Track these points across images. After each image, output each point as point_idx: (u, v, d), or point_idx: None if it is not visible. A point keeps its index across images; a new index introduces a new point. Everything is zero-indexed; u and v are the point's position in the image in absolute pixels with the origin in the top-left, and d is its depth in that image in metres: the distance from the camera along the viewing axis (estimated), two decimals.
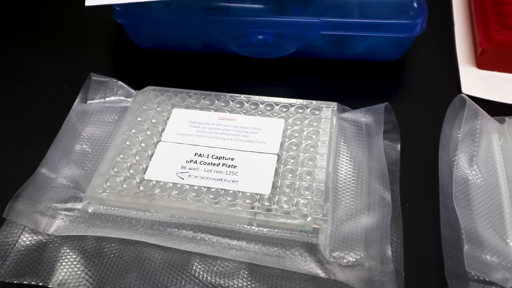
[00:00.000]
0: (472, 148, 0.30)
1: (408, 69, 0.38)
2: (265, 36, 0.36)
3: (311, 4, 0.38)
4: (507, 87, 0.36)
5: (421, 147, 0.32)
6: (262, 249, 0.27)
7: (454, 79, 0.37)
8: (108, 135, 0.32)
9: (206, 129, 0.31)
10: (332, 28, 0.35)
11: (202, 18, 0.36)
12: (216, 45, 0.38)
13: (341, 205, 0.28)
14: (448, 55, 0.39)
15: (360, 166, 0.30)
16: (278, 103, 0.32)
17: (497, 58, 0.36)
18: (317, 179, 0.28)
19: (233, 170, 0.28)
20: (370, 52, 0.37)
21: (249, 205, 0.27)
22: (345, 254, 0.25)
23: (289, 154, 0.29)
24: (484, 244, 0.25)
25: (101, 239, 0.28)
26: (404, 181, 0.30)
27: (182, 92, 0.34)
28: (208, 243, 0.27)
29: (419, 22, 0.34)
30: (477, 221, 0.26)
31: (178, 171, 0.29)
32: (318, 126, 0.31)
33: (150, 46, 0.40)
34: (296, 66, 0.39)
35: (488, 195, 0.28)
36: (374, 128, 0.31)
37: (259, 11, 0.38)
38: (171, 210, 0.28)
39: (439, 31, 0.41)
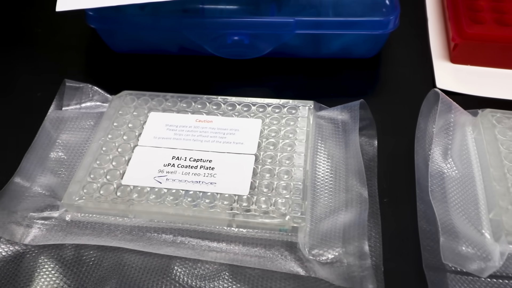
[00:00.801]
0: (446, 141, 0.30)
1: (384, 66, 0.39)
2: (240, 37, 0.36)
3: (285, 4, 0.38)
4: (479, 81, 0.36)
5: (398, 142, 0.33)
6: (242, 250, 0.27)
7: (428, 74, 0.38)
8: (84, 142, 0.32)
9: (183, 132, 0.31)
10: (307, 27, 0.35)
11: (177, 20, 0.36)
12: (192, 47, 0.38)
13: (320, 202, 0.28)
14: (422, 50, 0.40)
15: (338, 163, 0.30)
16: (255, 104, 0.32)
17: (469, 52, 0.37)
18: (295, 178, 0.28)
19: (211, 172, 0.28)
20: (345, 49, 0.38)
21: (228, 206, 0.27)
22: (324, 251, 0.26)
23: (267, 154, 0.29)
24: (460, 236, 0.26)
25: (79, 247, 0.27)
26: (381, 177, 0.31)
27: (159, 96, 0.34)
28: (188, 246, 0.27)
29: (392, 18, 0.35)
30: (452, 213, 0.27)
31: (156, 175, 0.28)
32: (295, 125, 0.31)
33: (125, 50, 0.39)
34: (272, 66, 0.39)
35: (463, 187, 0.29)
36: (350, 125, 0.31)
37: (234, 12, 0.38)
38: (150, 214, 0.28)
39: (413, 27, 0.42)
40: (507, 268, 0.25)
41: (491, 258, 0.25)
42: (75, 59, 0.40)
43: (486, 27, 0.36)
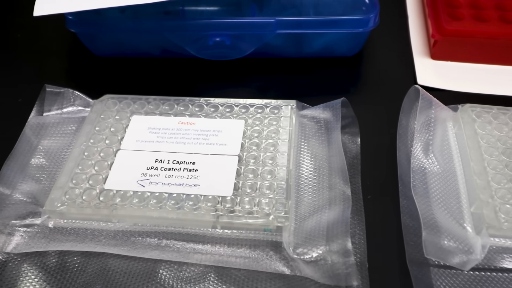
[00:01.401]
0: (427, 137, 0.31)
1: (366, 63, 0.39)
2: (222, 38, 0.36)
3: (267, 4, 0.38)
4: (460, 76, 0.37)
5: (381, 139, 0.33)
6: (227, 251, 0.27)
7: (410, 71, 0.38)
8: (66, 147, 0.32)
9: (166, 134, 0.31)
10: (288, 26, 0.35)
11: (158, 23, 0.36)
12: (174, 49, 0.38)
13: (304, 201, 0.28)
14: (403, 47, 0.40)
15: (321, 161, 0.30)
16: (238, 104, 0.32)
17: (449, 48, 0.37)
18: (278, 178, 0.28)
19: (195, 174, 0.28)
20: (327, 48, 0.38)
21: (212, 208, 0.27)
22: (308, 250, 0.26)
23: (250, 155, 0.29)
24: (442, 230, 0.26)
25: (63, 253, 0.27)
26: (365, 174, 0.31)
27: (141, 99, 0.33)
28: (173, 249, 0.27)
29: (371, 16, 0.35)
30: (434, 208, 0.27)
31: (139, 179, 0.28)
32: (278, 125, 0.31)
33: (107, 54, 0.39)
34: (255, 66, 0.39)
35: (445, 182, 0.29)
36: (332, 124, 0.31)
37: (215, 13, 0.38)
38: (134, 218, 0.27)
39: (394, 25, 0.42)
40: (489, 261, 0.26)
41: (473, 251, 0.25)
42: (56, 64, 0.40)
43: (465, 23, 0.36)
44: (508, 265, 0.25)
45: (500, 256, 0.26)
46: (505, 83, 0.36)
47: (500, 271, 0.26)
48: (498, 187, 0.27)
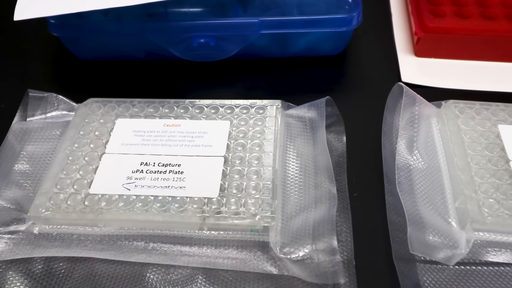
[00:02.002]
0: (412, 134, 0.31)
1: (350, 62, 0.39)
2: (206, 39, 0.36)
3: (251, 4, 0.38)
4: (443, 73, 0.37)
5: (366, 137, 0.33)
6: (214, 252, 0.27)
7: (394, 68, 0.38)
8: (50, 152, 0.31)
9: (151, 137, 0.31)
10: (272, 27, 0.35)
11: (141, 25, 0.36)
12: (158, 52, 0.38)
13: (290, 201, 0.28)
14: (387, 45, 0.40)
15: (306, 160, 0.30)
16: (223, 105, 0.32)
17: (432, 45, 0.38)
18: (264, 178, 0.28)
19: (180, 176, 0.28)
20: (311, 48, 0.38)
21: (198, 209, 0.27)
22: (295, 249, 0.26)
23: (236, 155, 0.29)
24: (427, 226, 0.26)
25: (48, 260, 0.27)
26: (351, 172, 0.31)
27: (126, 102, 0.33)
28: (160, 252, 0.27)
29: (354, 15, 0.35)
30: (419, 204, 0.27)
31: (124, 182, 0.28)
32: (263, 125, 0.31)
33: (91, 58, 0.39)
34: (240, 67, 0.39)
35: (430, 178, 0.29)
36: (317, 122, 0.31)
37: (199, 14, 0.38)
38: (120, 222, 0.27)
39: (378, 23, 0.42)
40: (474, 255, 0.26)
41: (458, 246, 0.26)
42: (39, 68, 0.39)
43: (447, 20, 0.36)
44: (492, 259, 0.26)
45: (484, 250, 0.26)
46: (487, 79, 0.36)
47: (485, 264, 0.26)
48: (481, 182, 0.27)
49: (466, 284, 0.25)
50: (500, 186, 0.27)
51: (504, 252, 0.26)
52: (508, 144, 0.29)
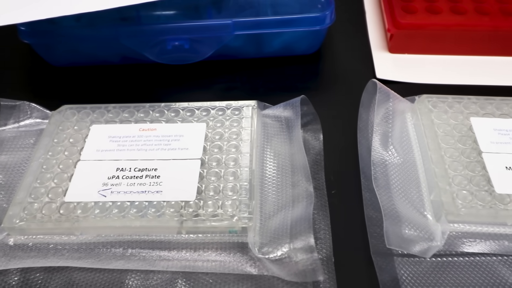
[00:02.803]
0: (386, 129, 0.31)
1: (326, 60, 0.40)
2: (180, 42, 0.35)
3: (225, 6, 0.38)
4: (416, 68, 0.38)
5: (343, 134, 0.34)
6: (194, 256, 0.27)
7: (369, 65, 0.39)
8: (24, 161, 0.31)
9: (127, 142, 0.30)
10: (246, 27, 0.35)
11: (115, 29, 0.35)
12: (133, 56, 0.37)
13: (268, 200, 0.28)
14: (362, 42, 0.41)
15: (284, 160, 0.30)
16: (199, 108, 0.32)
17: (405, 41, 0.38)
18: (241, 179, 0.28)
19: (157, 181, 0.28)
20: (287, 47, 0.38)
21: (176, 213, 0.27)
22: (274, 249, 0.26)
23: (213, 157, 0.29)
24: (403, 220, 0.26)
25: (25, 271, 0.26)
26: (328, 169, 0.31)
27: (100, 107, 0.33)
28: (139, 257, 0.26)
29: (327, 14, 0.36)
30: (395, 198, 0.28)
31: (100, 189, 0.28)
32: (239, 126, 0.31)
33: (65, 64, 0.38)
34: (217, 68, 0.39)
35: (405, 172, 0.30)
36: (293, 121, 0.32)
37: (172, 17, 0.37)
38: (96, 229, 0.27)
39: (352, 21, 0.43)
40: (450, 246, 0.26)
41: (433, 238, 0.26)
42: (12, 76, 0.39)
43: (418, 16, 0.37)
44: (468, 249, 0.26)
45: (460, 241, 0.26)
46: (459, 73, 0.37)
47: (461, 255, 0.26)
48: (455, 174, 0.28)
49: (443, 275, 0.25)
50: (473, 177, 0.28)
51: (479, 242, 0.26)
52: (480, 136, 0.30)
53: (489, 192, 0.27)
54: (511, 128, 0.30)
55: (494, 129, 0.30)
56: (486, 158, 0.28)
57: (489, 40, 0.37)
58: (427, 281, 0.25)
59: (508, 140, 0.30)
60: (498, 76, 0.37)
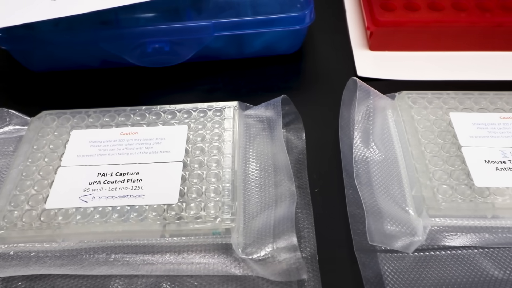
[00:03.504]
0: (368, 126, 0.31)
1: (307, 59, 0.40)
2: (160, 44, 0.35)
3: (205, 7, 0.38)
4: (396, 65, 0.38)
5: (325, 132, 0.34)
6: (178, 258, 0.26)
7: (350, 63, 0.39)
8: (3, 169, 0.30)
9: (108, 146, 0.30)
10: (226, 28, 0.35)
11: (94, 34, 0.35)
12: (113, 59, 0.37)
13: (251, 201, 0.28)
14: (343, 41, 0.41)
15: (266, 160, 0.30)
16: (180, 110, 0.32)
17: (384, 39, 0.38)
18: (224, 180, 0.28)
19: (139, 185, 0.28)
20: (268, 47, 0.38)
21: (158, 216, 0.26)
22: (257, 249, 0.26)
23: (195, 159, 0.29)
24: (385, 216, 0.27)
25: (6, 280, 0.26)
26: (311, 168, 0.31)
27: (81, 112, 0.32)
28: (122, 262, 0.26)
29: (307, 13, 0.36)
30: (377, 195, 0.28)
31: (81, 195, 0.27)
32: (221, 127, 0.31)
33: (44, 69, 0.38)
34: (198, 70, 0.39)
35: (387, 168, 0.30)
36: (274, 121, 0.32)
37: (152, 20, 0.37)
38: (79, 236, 0.27)
39: (333, 20, 0.43)
40: (432, 241, 0.27)
41: (416, 233, 0.26)
42: None
43: (396, 13, 0.37)
44: (449, 243, 0.26)
45: (441, 235, 0.27)
46: (438, 68, 0.37)
47: (443, 249, 0.27)
48: (435, 169, 0.28)
49: (425, 269, 0.26)
50: (453, 172, 0.28)
51: (460, 235, 0.27)
52: (459, 130, 0.30)
53: (469, 185, 0.27)
54: (490, 122, 0.31)
55: (473, 123, 0.31)
56: (466, 152, 0.29)
57: (466, 36, 0.38)
58: (410, 276, 0.25)
59: (487, 134, 0.30)
60: (476, 71, 0.37)
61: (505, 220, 0.26)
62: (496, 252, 0.27)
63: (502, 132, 0.30)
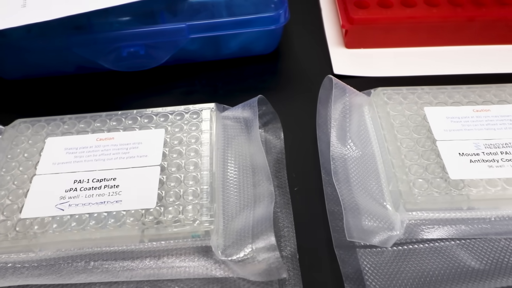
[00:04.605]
0: (344, 124, 0.32)
1: (284, 59, 0.40)
2: (135, 48, 0.35)
3: (180, 10, 0.38)
4: (372, 62, 0.38)
5: (303, 131, 0.34)
6: (158, 263, 0.26)
7: (327, 61, 0.39)
8: None
9: (84, 153, 0.30)
10: (201, 30, 0.35)
11: (67, 39, 0.35)
12: (88, 65, 0.37)
13: (230, 202, 0.28)
14: (319, 39, 0.41)
15: (244, 160, 0.30)
16: (157, 114, 0.32)
17: (359, 36, 0.39)
18: (202, 182, 0.28)
19: (116, 190, 0.28)
20: (244, 48, 0.38)
21: (136, 221, 0.26)
22: (237, 250, 0.26)
23: (172, 163, 0.29)
24: (362, 212, 0.27)
25: None
26: (290, 167, 0.31)
27: (56, 119, 0.32)
28: (102, 270, 0.26)
29: (281, 12, 0.36)
30: (355, 191, 0.28)
31: (57, 203, 0.27)
32: (198, 129, 0.31)
33: (18, 77, 0.37)
34: (175, 73, 0.38)
35: (364, 165, 0.30)
36: (251, 122, 0.32)
37: (126, 23, 0.37)
38: (56, 244, 0.26)
39: (309, 19, 0.43)
40: (410, 234, 0.27)
41: (393, 227, 0.27)
42: None
43: (370, 11, 0.38)
44: (427, 236, 0.27)
45: (419, 228, 0.27)
46: (412, 64, 0.38)
47: (421, 242, 0.27)
48: (411, 164, 0.28)
49: (404, 263, 0.26)
50: (429, 166, 0.28)
51: (437, 228, 0.27)
52: (434, 124, 0.31)
53: (444, 178, 0.28)
54: (463, 115, 0.31)
55: (447, 117, 0.31)
56: (440, 146, 0.29)
57: (439, 31, 0.38)
58: (389, 270, 0.26)
59: (460, 127, 0.30)
60: (449, 65, 0.38)
61: (480, 211, 0.27)
62: (473, 243, 0.27)
63: (475, 124, 0.31)
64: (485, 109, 0.32)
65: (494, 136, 0.30)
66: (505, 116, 0.31)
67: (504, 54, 0.38)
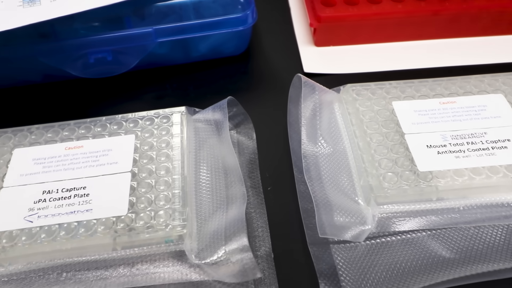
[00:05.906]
0: (315, 121, 0.32)
1: (255, 59, 0.40)
2: (102, 54, 0.35)
3: (147, 13, 0.38)
4: (341, 59, 0.39)
5: (275, 130, 0.34)
6: (132, 270, 0.26)
7: (297, 60, 0.39)
8: None
9: (53, 163, 0.29)
10: (168, 34, 0.35)
11: (31, 48, 0.34)
12: (56, 73, 0.36)
13: (203, 205, 0.28)
14: (289, 39, 0.41)
15: (216, 162, 0.30)
16: (127, 120, 0.32)
17: (327, 34, 0.39)
18: (173, 187, 0.28)
19: (86, 199, 0.27)
20: (214, 50, 0.38)
21: (108, 229, 0.26)
22: (210, 253, 0.26)
23: (143, 169, 0.29)
24: (334, 208, 0.27)
25: None
26: (263, 167, 0.31)
27: (23, 130, 0.31)
28: (74, 280, 0.26)
29: (248, 13, 0.36)
30: (327, 188, 0.28)
31: (26, 215, 0.27)
32: (169, 134, 0.31)
33: None
34: (146, 78, 0.38)
35: (336, 161, 0.30)
36: (222, 123, 0.32)
37: (92, 29, 0.36)
38: (26, 257, 0.26)
39: (279, 18, 0.43)
40: (382, 228, 0.27)
41: (365, 222, 0.27)
42: None
43: (337, 8, 0.38)
44: (398, 228, 0.27)
45: (390, 221, 0.27)
46: (380, 60, 0.38)
47: (393, 235, 0.27)
48: (381, 158, 0.29)
49: (377, 256, 0.26)
50: (398, 159, 0.29)
51: (408, 220, 0.27)
52: (402, 118, 0.31)
53: (413, 171, 0.28)
54: (430, 108, 0.32)
55: (415, 110, 0.32)
56: (409, 139, 0.30)
57: (405, 26, 0.39)
58: (363, 264, 0.26)
59: (428, 120, 0.31)
60: (416, 59, 0.38)
61: (449, 201, 0.27)
62: (443, 233, 0.27)
63: (442, 116, 0.31)
64: (451, 101, 0.32)
65: (460, 127, 0.30)
66: (470, 107, 0.32)
67: (468, 46, 0.39)
